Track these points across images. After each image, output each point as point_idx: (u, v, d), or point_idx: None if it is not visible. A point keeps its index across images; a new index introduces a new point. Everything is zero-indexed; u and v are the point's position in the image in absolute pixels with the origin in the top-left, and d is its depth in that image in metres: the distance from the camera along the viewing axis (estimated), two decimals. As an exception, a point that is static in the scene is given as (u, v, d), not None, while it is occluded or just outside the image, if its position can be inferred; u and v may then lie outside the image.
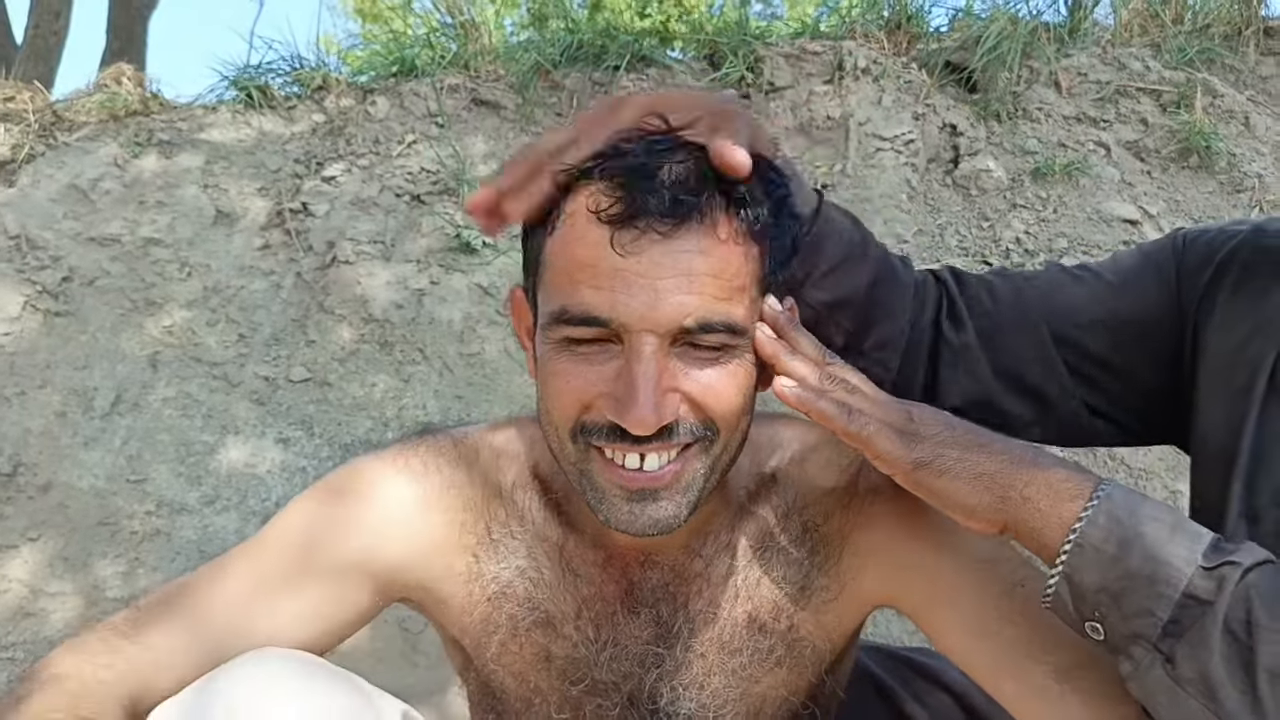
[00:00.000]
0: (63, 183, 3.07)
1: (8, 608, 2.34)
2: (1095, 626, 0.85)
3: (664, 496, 0.94)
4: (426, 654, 2.32)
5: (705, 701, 1.09)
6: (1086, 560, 0.84)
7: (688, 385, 0.91)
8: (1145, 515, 0.84)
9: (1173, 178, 3.54)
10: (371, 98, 3.40)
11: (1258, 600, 0.78)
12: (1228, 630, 0.79)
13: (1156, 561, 0.81)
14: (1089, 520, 0.84)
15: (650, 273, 0.87)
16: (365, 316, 2.90)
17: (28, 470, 2.55)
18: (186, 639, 0.97)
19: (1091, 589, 0.84)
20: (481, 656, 1.11)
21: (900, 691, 1.35)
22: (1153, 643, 0.81)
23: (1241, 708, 0.78)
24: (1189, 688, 0.80)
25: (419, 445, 1.11)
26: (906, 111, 3.47)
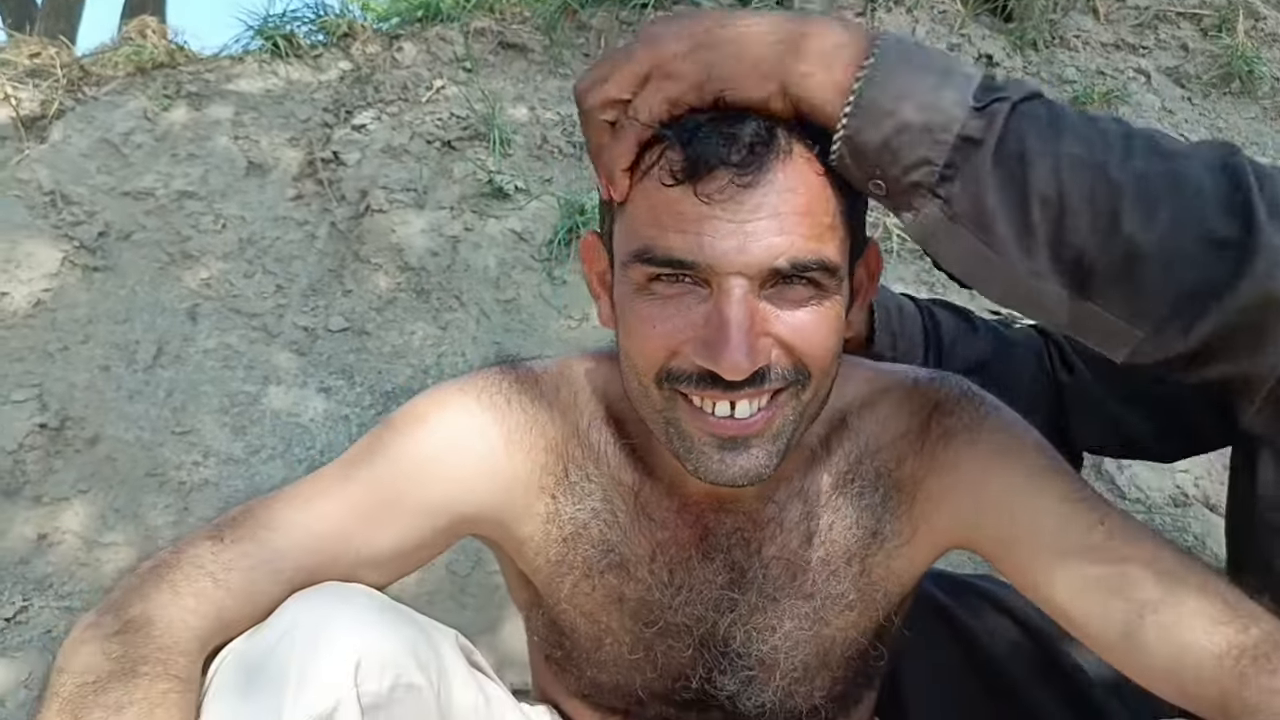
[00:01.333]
0: (94, 138, 3.06)
1: (63, 558, 2.38)
2: (878, 184, 0.85)
3: (755, 444, 0.92)
4: (475, 595, 2.34)
5: (776, 644, 1.09)
6: (865, 120, 0.83)
7: (779, 328, 0.89)
8: (918, 64, 0.84)
9: (1214, 104, 3.46)
10: (398, 44, 3.37)
11: (1030, 130, 0.80)
12: (1000, 163, 0.81)
13: (930, 109, 0.82)
14: (865, 80, 0.83)
15: (738, 216, 0.85)
16: (401, 265, 2.90)
17: (75, 424, 2.58)
18: (271, 582, 0.97)
19: (872, 147, 0.83)
20: (554, 596, 1.11)
21: (964, 617, 1.36)
22: (930, 189, 0.82)
23: (1011, 235, 0.81)
24: (964, 222, 0.82)
25: (501, 379, 1.09)
26: (941, 42, 3.40)
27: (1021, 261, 0.82)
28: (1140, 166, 0.80)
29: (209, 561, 0.97)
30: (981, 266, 0.84)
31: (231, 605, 0.95)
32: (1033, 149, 0.81)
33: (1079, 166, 0.80)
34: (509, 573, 1.20)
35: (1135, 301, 0.80)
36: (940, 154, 0.82)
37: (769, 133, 0.87)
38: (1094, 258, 0.80)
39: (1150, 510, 2.46)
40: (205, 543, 0.99)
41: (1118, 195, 0.79)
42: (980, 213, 0.82)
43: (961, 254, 0.84)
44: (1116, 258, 0.80)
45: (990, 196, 0.81)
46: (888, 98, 0.83)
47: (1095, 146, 0.81)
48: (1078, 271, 0.81)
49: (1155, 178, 0.80)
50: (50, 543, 2.42)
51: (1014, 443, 1.05)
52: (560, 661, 1.17)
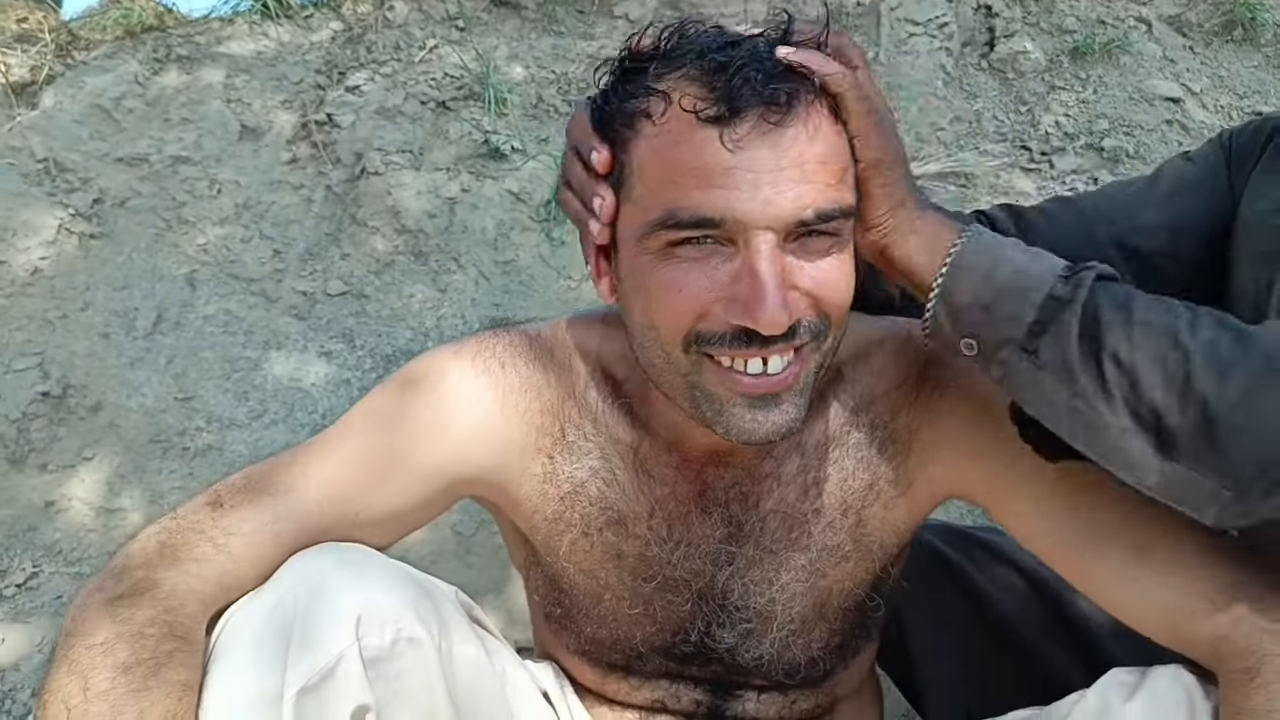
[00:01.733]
0: (85, 103, 3.04)
1: (71, 525, 2.40)
2: (969, 342, 0.91)
3: (785, 399, 0.92)
4: (480, 554, 2.36)
5: (774, 596, 1.10)
6: (960, 280, 0.91)
7: (804, 282, 0.89)
8: (1009, 244, 0.93)
9: (1216, 52, 3.43)
10: (389, 3, 3.33)
11: (1104, 299, 0.87)
12: (1082, 322, 0.86)
13: (1022, 274, 0.90)
14: (963, 246, 0.92)
15: (763, 166, 0.84)
16: (398, 227, 2.89)
17: (77, 392, 2.59)
18: (271, 545, 0.98)
19: (965, 304, 0.90)
20: (552, 553, 1.12)
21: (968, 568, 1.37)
22: (1020, 344, 0.88)
23: (1091, 387, 0.86)
24: (1050, 373, 0.88)
25: (495, 342, 1.10)
26: (941, -6, 3.36)
27: (1107, 415, 0.86)
28: (1209, 336, 0.84)
29: (209, 526, 0.98)
30: (1069, 417, 0.88)
31: (233, 569, 0.97)
32: (1107, 312, 0.86)
33: (1149, 330, 0.85)
34: (507, 532, 1.21)
35: (1219, 461, 0.83)
36: (1030, 312, 0.88)
37: (792, 71, 0.86)
38: (1173, 419, 0.84)
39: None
40: (205, 508, 1.00)
41: (1188, 359, 0.83)
42: (1066, 364, 0.87)
43: (1049, 403, 0.89)
44: (1193, 418, 0.83)
45: (1072, 350, 0.86)
46: (983, 262, 0.91)
47: (1166, 315, 0.86)
48: (1160, 430, 0.84)
49: (1225, 345, 0.83)
50: (57, 509, 2.43)
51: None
52: (560, 619, 1.18)
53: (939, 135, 3.14)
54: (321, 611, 0.89)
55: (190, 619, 0.92)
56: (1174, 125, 3.17)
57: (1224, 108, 3.26)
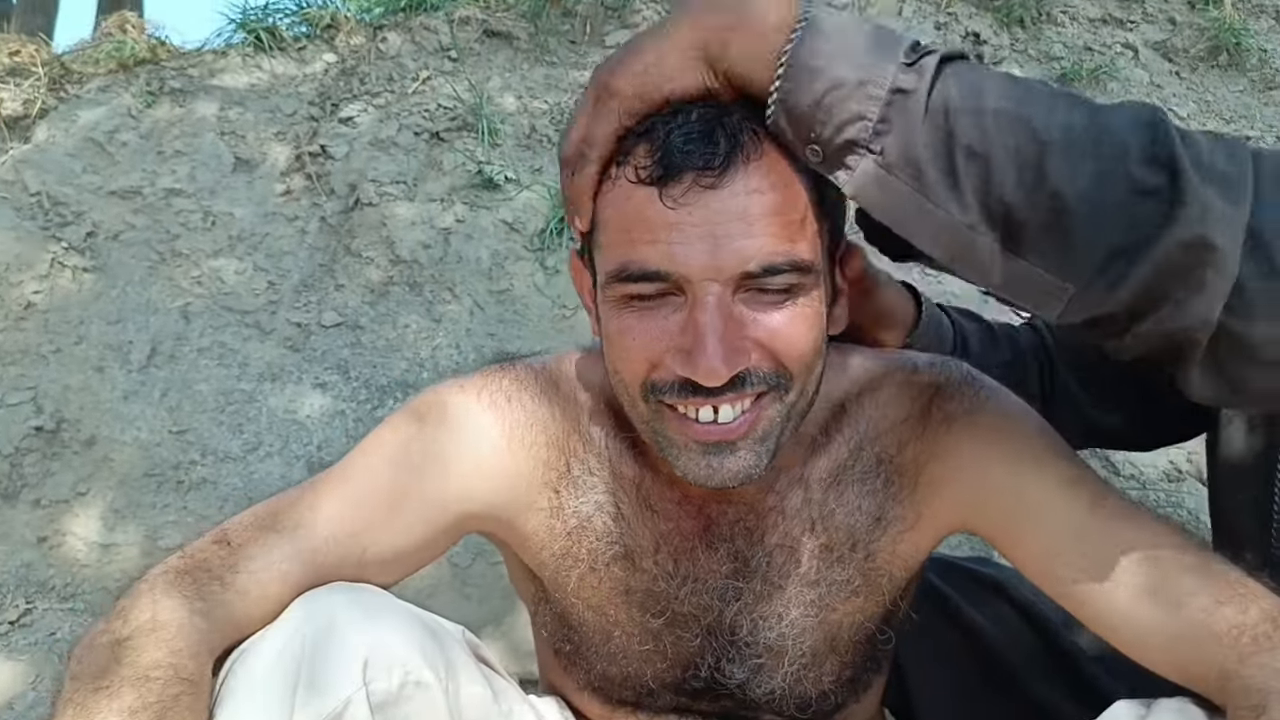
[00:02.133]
0: (78, 136, 3.04)
1: (65, 560, 2.38)
2: (814, 149, 0.86)
3: (741, 447, 0.93)
4: (477, 586, 2.35)
5: (784, 631, 1.10)
6: (797, 81, 0.84)
7: (757, 331, 0.90)
8: (847, 29, 0.85)
9: (1202, 77, 3.47)
10: (382, 34, 3.35)
11: (954, 85, 0.82)
12: (928, 114, 0.81)
13: (862, 67, 0.83)
14: (796, 43, 0.84)
15: (706, 221, 0.86)
16: (393, 258, 2.89)
17: (70, 426, 2.57)
18: (278, 584, 0.97)
19: (806, 106, 0.84)
20: (561, 589, 1.12)
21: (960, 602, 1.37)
22: (865, 144, 0.83)
23: (941, 184, 0.82)
24: (897, 172, 0.82)
25: (501, 377, 1.10)
26: (928, 21, 3.39)
27: (955, 210, 0.82)
28: (1064, 120, 0.81)
29: (217, 565, 0.97)
30: (916, 216, 0.84)
31: (240, 608, 0.96)
32: (956, 102, 0.81)
33: (1004, 120, 0.81)
34: (514, 568, 1.21)
35: (1065, 255, 0.81)
36: (873, 108, 0.82)
37: (732, 131, 0.87)
38: (1022, 212, 0.80)
39: (1145, 486, 2.48)
40: (213, 546, 1.00)
41: (1043, 148, 0.80)
42: (912, 161, 0.82)
43: (896, 204, 0.84)
44: (1043, 211, 0.80)
45: (920, 145, 0.82)
46: (819, 58, 0.83)
47: (1021, 101, 0.82)
48: (1008, 225, 0.81)
49: (1079, 131, 0.80)
50: (51, 545, 2.41)
51: (1014, 426, 1.06)
52: (570, 655, 1.18)
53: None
54: (329, 654, 0.89)
55: (197, 660, 0.91)
56: (1162, 150, 3.20)
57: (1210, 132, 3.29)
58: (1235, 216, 0.77)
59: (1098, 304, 0.82)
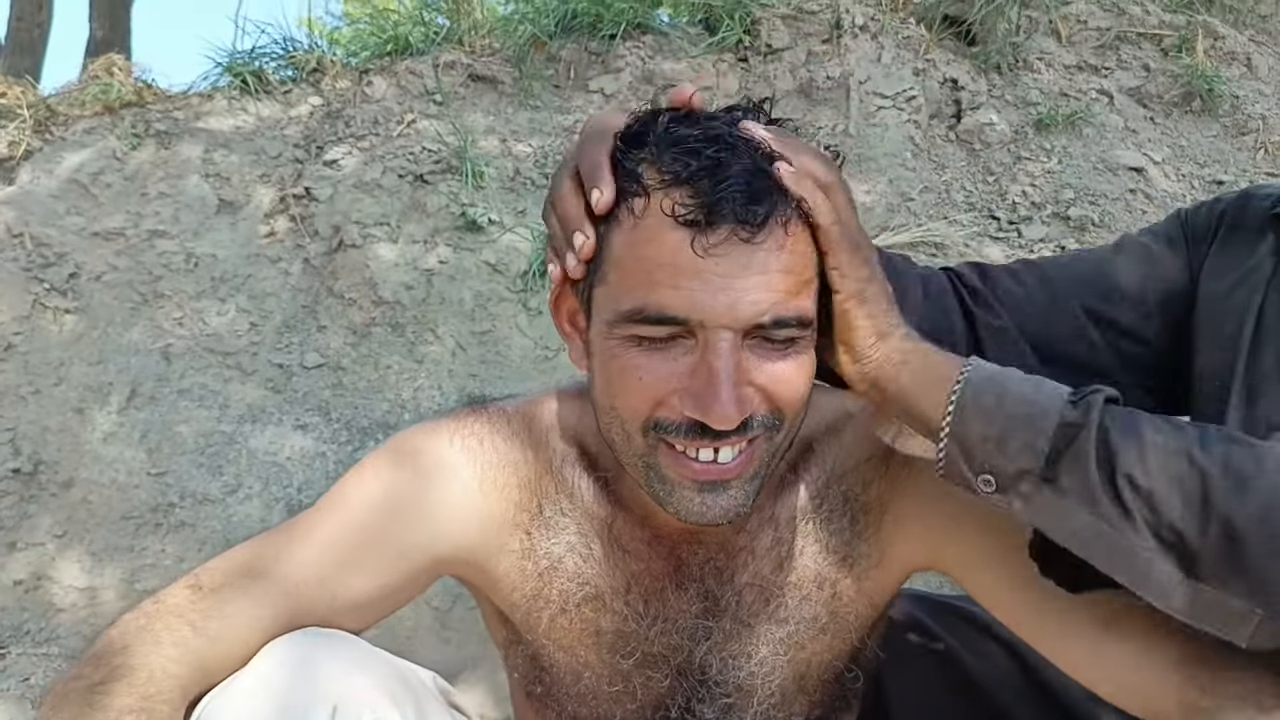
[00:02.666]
0: (62, 178, 3.05)
1: (41, 605, 2.36)
2: (987, 479, 0.90)
3: (733, 486, 0.95)
4: (456, 630, 2.34)
5: (753, 670, 1.10)
6: (968, 417, 0.90)
7: (760, 378, 0.92)
8: (1012, 374, 0.92)
9: (1176, 123, 3.52)
10: (368, 78, 3.38)
11: (1111, 423, 0.87)
12: (1098, 446, 0.86)
13: (1030, 404, 0.89)
14: (965, 382, 0.91)
15: (731, 273, 0.88)
16: (375, 299, 2.90)
17: (49, 468, 2.56)
18: (250, 628, 0.97)
19: (977, 441, 0.89)
20: (532, 631, 1.12)
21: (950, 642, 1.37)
22: (1039, 474, 0.88)
23: (1113, 510, 0.85)
24: (1073, 499, 0.87)
25: (474, 420, 1.10)
26: (907, 68, 3.45)
27: (1132, 537, 0.85)
28: (1222, 452, 0.84)
29: (189, 610, 0.98)
30: (1097, 541, 0.87)
31: (212, 653, 0.96)
32: (1117, 435, 0.86)
33: (1162, 451, 0.85)
34: (487, 611, 1.21)
35: (1248, 581, 0.83)
36: (1044, 441, 0.87)
37: (769, 185, 0.89)
38: (1194, 540, 0.83)
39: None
40: (185, 592, 1.00)
41: (1205, 476, 0.83)
42: (1087, 489, 0.86)
43: (1075, 530, 0.88)
44: (1215, 538, 0.83)
45: (1092, 474, 0.86)
46: (989, 397, 0.90)
47: (1175, 435, 0.86)
48: (1184, 552, 0.84)
49: (1239, 460, 0.84)
50: (27, 589, 2.39)
51: None
52: (541, 697, 1.17)
53: (909, 205, 3.20)
54: (299, 699, 0.89)
55: (169, 705, 0.91)
56: (1137, 194, 3.25)
57: (1185, 176, 3.34)
58: None
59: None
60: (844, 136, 3.33)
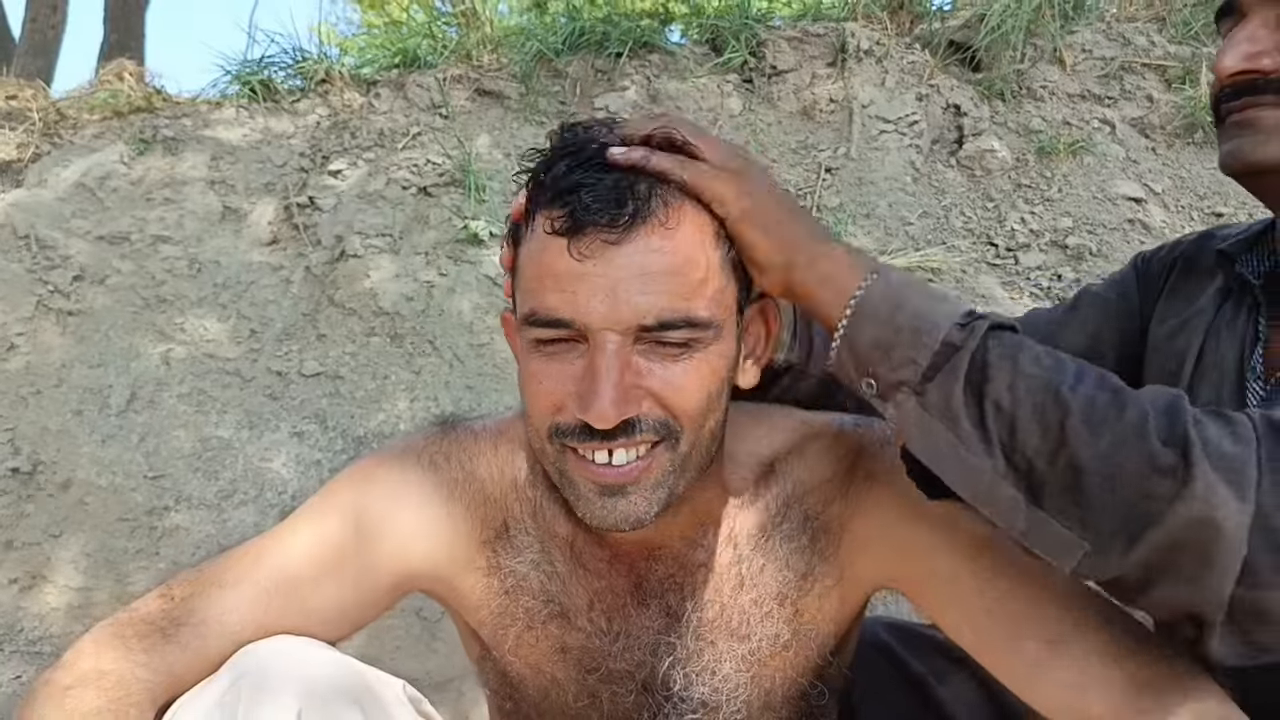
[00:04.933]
0: (70, 182, 3.08)
1: (35, 604, 2.37)
2: (869, 382, 0.94)
3: (633, 492, 0.97)
4: (445, 640, 2.35)
5: (718, 686, 1.12)
6: (863, 321, 0.93)
7: (651, 382, 0.94)
8: (915, 287, 0.95)
9: (1178, 154, 3.54)
10: (375, 90, 3.41)
11: (994, 346, 0.90)
12: (969, 368, 0.89)
13: (921, 319, 0.91)
14: (868, 288, 0.94)
15: (608, 274, 0.91)
16: (375, 310, 2.92)
17: (47, 469, 2.58)
18: (220, 636, 0.99)
19: (866, 345, 0.92)
20: (499, 648, 1.14)
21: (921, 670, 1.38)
22: (913, 387, 0.91)
23: (973, 434, 0.89)
24: (934, 413, 0.90)
25: (442, 438, 1.13)
26: (910, 93, 3.47)
27: (984, 459, 0.89)
28: (1089, 393, 0.88)
29: (160, 618, 1.00)
30: (949, 458, 0.91)
31: (181, 659, 0.98)
32: (993, 362, 0.89)
33: (1033, 384, 0.88)
34: (460, 627, 1.23)
35: (1082, 515, 0.87)
36: (925, 356, 0.90)
37: (635, 189, 0.93)
38: (1043, 469, 0.87)
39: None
40: (157, 601, 1.02)
41: (1065, 413, 0.86)
42: (951, 408, 0.90)
43: (933, 445, 0.91)
44: (1063, 471, 0.86)
45: (957, 395, 0.90)
46: (885, 305, 0.93)
47: (1051, 370, 0.90)
48: (1031, 479, 0.88)
49: (1102, 404, 0.87)
50: (22, 587, 2.41)
51: None
52: (511, 713, 1.19)
53: (907, 230, 3.22)
54: (262, 705, 0.91)
55: (137, 709, 0.93)
56: (1136, 224, 3.27)
57: (1185, 208, 3.35)
58: (1242, 505, 0.83)
59: (1113, 566, 0.87)
60: (845, 160, 3.35)
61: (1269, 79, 1.07)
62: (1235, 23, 1.14)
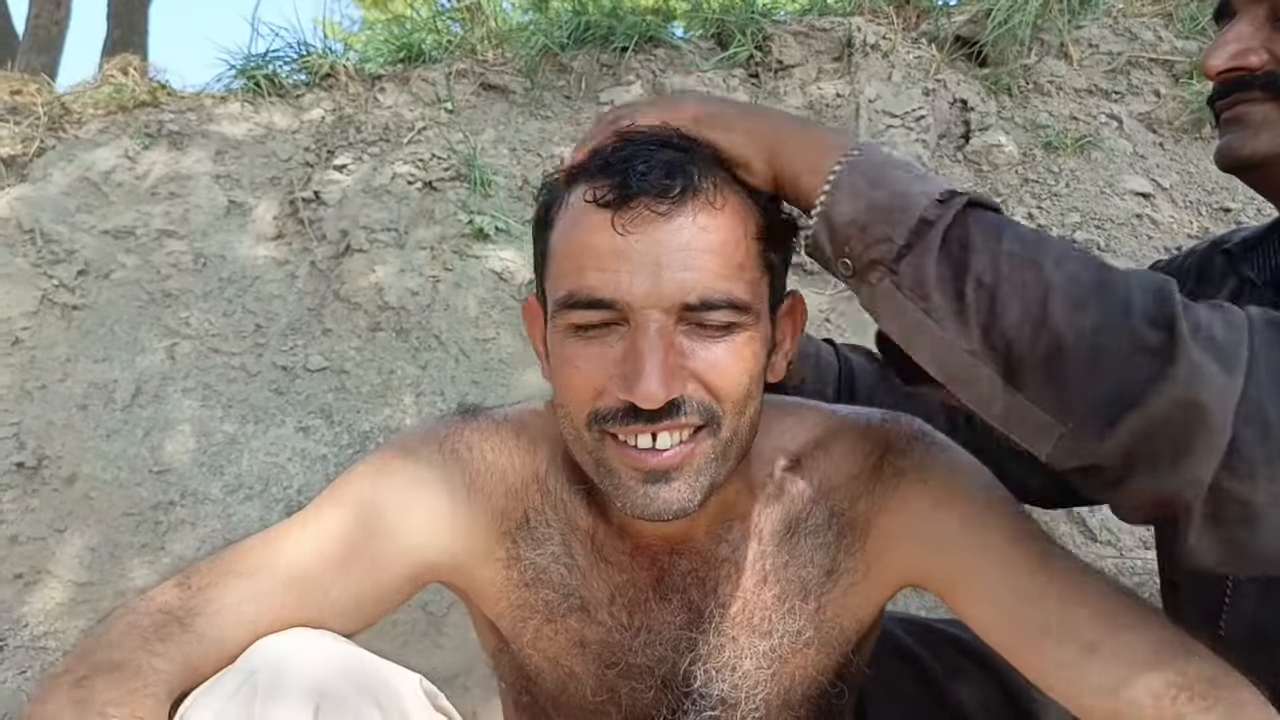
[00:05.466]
0: (74, 176, 3.08)
1: (39, 599, 2.37)
2: (845, 261, 0.92)
3: (676, 478, 0.96)
4: (451, 635, 2.34)
5: (737, 683, 1.11)
6: (841, 198, 0.91)
7: (694, 363, 0.94)
8: (894, 164, 0.94)
9: (1185, 149, 3.52)
10: (380, 85, 3.40)
11: (975, 224, 0.88)
12: (945, 244, 0.87)
13: (898, 195, 0.90)
14: (846, 166, 0.92)
15: (651, 250, 0.91)
16: (381, 304, 2.91)
17: (52, 463, 2.57)
18: (237, 626, 0.98)
19: (843, 223, 0.91)
20: (518, 640, 1.13)
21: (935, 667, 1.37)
22: (888, 265, 0.89)
23: (948, 311, 0.87)
24: (907, 293, 0.88)
25: (463, 427, 1.12)
26: (916, 87, 3.45)
27: (958, 336, 0.87)
28: (1073, 270, 0.86)
29: (176, 607, 0.98)
30: (921, 334, 0.89)
31: (198, 650, 0.97)
32: (976, 239, 0.88)
33: (1016, 260, 0.86)
34: (476, 619, 1.22)
35: (1060, 395, 0.84)
36: (901, 234, 0.89)
37: (686, 168, 0.93)
38: (1022, 347, 0.85)
39: (1121, 553, 2.49)
40: (173, 590, 1.01)
41: (1049, 290, 0.85)
42: (922, 285, 0.88)
43: (904, 323, 0.90)
44: (1043, 349, 0.84)
45: (931, 269, 0.88)
46: (863, 181, 0.91)
47: (1034, 247, 0.88)
48: (1009, 359, 0.86)
49: (1087, 282, 0.85)
50: (27, 582, 2.41)
51: (963, 483, 1.08)
52: (528, 706, 1.18)
53: (915, 224, 3.21)
54: (279, 699, 0.90)
55: (154, 699, 0.92)
56: (1144, 219, 3.25)
57: (1193, 203, 3.34)
58: (1229, 383, 0.81)
59: (1089, 452, 0.85)
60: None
61: (1255, 75, 1.07)
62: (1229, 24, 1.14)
